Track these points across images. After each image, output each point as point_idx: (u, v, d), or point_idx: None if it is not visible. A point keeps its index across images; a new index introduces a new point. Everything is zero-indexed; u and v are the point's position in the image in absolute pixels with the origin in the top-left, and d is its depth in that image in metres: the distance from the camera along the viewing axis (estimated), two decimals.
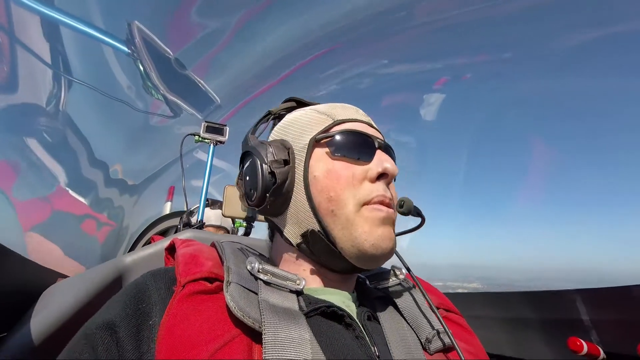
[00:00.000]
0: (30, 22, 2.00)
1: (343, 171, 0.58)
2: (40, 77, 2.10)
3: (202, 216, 1.80)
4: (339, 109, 0.65)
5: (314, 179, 0.58)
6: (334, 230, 0.56)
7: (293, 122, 0.65)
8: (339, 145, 0.59)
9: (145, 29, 2.52)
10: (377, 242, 0.55)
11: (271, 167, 0.58)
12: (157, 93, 2.93)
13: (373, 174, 0.58)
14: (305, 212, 0.58)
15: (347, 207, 0.56)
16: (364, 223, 0.56)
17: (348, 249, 0.56)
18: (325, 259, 0.59)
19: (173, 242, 0.66)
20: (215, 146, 1.86)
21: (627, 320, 1.26)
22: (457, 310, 0.70)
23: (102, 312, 0.49)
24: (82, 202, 2.68)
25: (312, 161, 0.60)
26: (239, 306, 0.46)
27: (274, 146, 0.61)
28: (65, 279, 0.84)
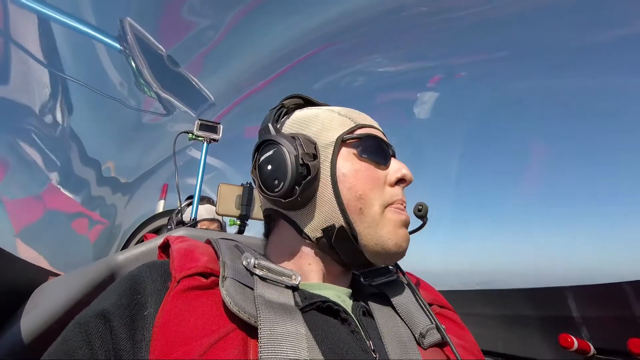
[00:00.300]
0: (20, 18, 1.97)
1: (370, 172, 0.61)
2: (31, 74, 2.07)
3: (195, 214, 1.79)
4: (356, 114, 0.68)
5: (342, 176, 0.60)
6: (359, 227, 0.59)
7: (312, 118, 0.66)
8: (364, 147, 0.63)
9: (138, 26, 2.50)
10: (399, 241, 0.60)
11: (304, 159, 0.58)
12: (150, 90, 2.91)
13: (393, 178, 0.63)
14: (331, 208, 0.59)
15: (373, 207, 0.59)
16: (388, 223, 0.60)
17: (372, 246, 0.59)
18: (343, 254, 0.60)
19: (167, 239, 0.66)
20: (209, 144, 1.85)
21: (617, 316, 1.28)
22: (450, 306, 0.71)
23: (97, 302, 0.50)
24: (74, 200, 2.66)
25: (339, 159, 0.62)
26: (234, 301, 0.46)
27: (301, 139, 0.61)
28: (57, 277, 0.84)
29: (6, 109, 1.95)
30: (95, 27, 2.37)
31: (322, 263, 0.62)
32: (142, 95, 2.96)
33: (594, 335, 1.32)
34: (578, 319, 1.38)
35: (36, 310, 0.67)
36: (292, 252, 0.63)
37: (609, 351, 1.26)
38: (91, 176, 2.81)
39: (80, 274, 0.80)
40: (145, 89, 2.88)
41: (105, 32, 2.43)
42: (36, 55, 2.08)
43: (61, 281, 0.80)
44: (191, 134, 1.83)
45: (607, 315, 1.32)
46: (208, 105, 3.42)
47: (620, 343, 1.18)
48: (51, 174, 2.37)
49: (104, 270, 0.85)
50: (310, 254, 0.62)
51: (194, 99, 3.30)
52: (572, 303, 1.40)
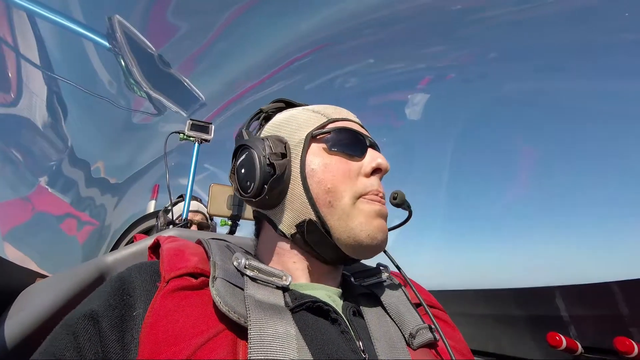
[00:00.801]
0: (6, 14, 1.94)
1: (340, 165, 0.61)
2: (18, 73, 2.04)
3: (186, 214, 1.78)
4: (331, 109, 0.68)
5: (311, 172, 0.60)
6: (331, 221, 0.58)
7: (287, 119, 0.67)
8: (335, 141, 0.62)
9: (127, 24, 2.47)
10: (373, 233, 0.58)
11: (270, 159, 0.59)
12: (140, 90, 2.88)
13: (367, 169, 0.62)
14: (302, 203, 0.60)
15: (344, 199, 0.59)
16: (360, 214, 0.58)
17: (344, 239, 0.58)
18: (319, 249, 0.60)
19: (157, 239, 0.66)
20: (200, 144, 1.84)
21: (604, 315, 1.30)
22: (440, 306, 0.72)
23: (85, 303, 0.49)
24: (63, 200, 2.62)
25: (308, 155, 0.62)
26: (224, 301, 0.46)
27: (270, 140, 0.62)
28: (44, 279, 0.82)
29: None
30: (83, 25, 2.34)
31: (305, 261, 0.62)
32: (132, 95, 2.93)
33: (582, 334, 1.34)
34: (566, 318, 1.40)
35: (22, 313, 0.66)
36: (276, 251, 0.64)
37: (596, 349, 1.28)
38: (80, 177, 2.78)
39: (69, 276, 0.79)
40: (135, 88, 2.85)
41: (93, 29, 2.40)
42: (23, 53, 2.05)
43: (48, 283, 0.79)
44: (182, 134, 1.81)
45: (594, 314, 1.34)
46: (199, 105, 3.40)
47: (607, 341, 1.20)
48: (40, 175, 2.33)
49: (92, 271, 0.84)
50: (291, 252, 0.62)
51: (185, 99, 3.28)
52: (560, 302, 1.42)
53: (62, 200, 2.61)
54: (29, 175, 2.23)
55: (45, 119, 2.30)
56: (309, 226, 0.58)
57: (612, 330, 1.22)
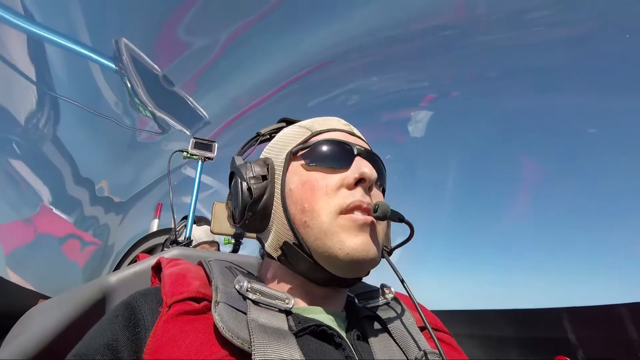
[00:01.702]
0: (16, 39, 1.99)
1: (318, 182, 0.57)
2: (26, 94, 2.07)
3: (189, 233, 1.77)
4: (319, 121, 0.66)
5: (289, 192, 0.58)
6: (308, 241, 0.55)
7: (277, 139, 0.67)
8: (314, 155, 0.59)
9: (133, 46, 2.52)
10: (352, 251, 0.53)
11: (248, 184, 0.59)
12: (145, 110, 2.92)
13: (350, 180, 0.57)
14: (282, 225, 0.58)
15: (320, 218, 0.55)
16: (340, 232, 0.54)
17: (323, 259, 0.55)
18: (305, 271, 0.58)
19: (159, 261, 0.65)
20: (203, 162, 1.85)
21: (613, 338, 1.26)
22: (446, 329, 0.69)
23: (97, 336, 0.47)
24: (67, 220, 2.63)
25: (288, 174, 0.60)
26: (227, 326, 0.45)
27: (254, 164, 0.61)
28: (49, 300, 0.82)
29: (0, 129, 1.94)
30: (90, 48, 2.39)
31: (299, 285, 0.60)
32: (137, 115, 2.97)
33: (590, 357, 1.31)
34: (573, 340, 1.36)
35: (25, 335, 0.65)
36: (273, 274, 0.63)
37: None
38: (84, 196, 2.79)
39: (71, 297, 0.78)
40: (141, 108, 2.89)
41: (100, 52, 2.45)
42: (30, 75, 2.09)
43: (51, 304, 0.78)
44: (186, 153, 1.82)
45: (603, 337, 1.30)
46: (203, 124, 3.43)
47: None
48: (44, 195, 2.34)
49: (95, 292, 0.83)
50: (285, 275, 0.61)
51: (189, 118, 3.31)
52: (566, 324, 1.39)
53: (66, 220, 2.61)
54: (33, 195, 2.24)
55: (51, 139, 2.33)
56: (288, 248, 0.57)
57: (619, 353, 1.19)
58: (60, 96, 2.31)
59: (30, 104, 2.12)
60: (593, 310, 1.36)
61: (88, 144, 2.78)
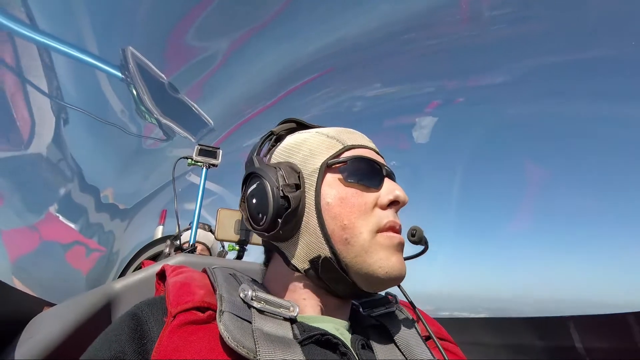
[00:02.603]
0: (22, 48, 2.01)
1: (356, 199, 0.58)
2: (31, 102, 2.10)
3: (194, 239, 1.78)
4: (346, 134, 0.65)
5: (327, 206, 0.58)
6: (347, 258, 0.56)
7: (300, 144, 0.64)
8: (351, 171, 0.59)
9: (139, 54, 2.55)
10: (391, 270, 0.56)
11: (284, 191, 0.57)
12: (151, 117, 2.94)
13: (384, 200, 0.59)
14: (317, 238, 0.57)
15: (361, 236, 0.56)
16: (379, 250, 0.56)
17: (362, 276, 0.56)
18: (333, 285, 0.58)
19: (164, 268, 0.65)
20: (208, 169, 1.85)
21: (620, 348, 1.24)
22: (451, 338, 0.70)
23: (104, 348, 0.47)
24: (72, 227, 2.64)
25: (324, 186, 0.59)
26: (232, 336, 0.45)
27: (283, 169, 0.59)
28: (53, 307, 0.82)
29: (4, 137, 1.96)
30: (96, 56, 2.42)
31: (316, 297, 0.60)
32: (142, 122, 2.99)
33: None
34: (581, 350, 1.34)
35: (31, 341, 0.65)
36: (286, 284, 0.62)
37: None
38: (90, 203, 2.80)
39: (77, 303, 0.78)
40: (146, 115, 2.91)
41: (106, 61, 2.48)
42: (36, 83, 2.12)
43: (57, 311, 0.78)
44: (190, 160, 1.84)
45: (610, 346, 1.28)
46: (208, 130, 3.45)
47: None
48: (49, 202, 2.36)
49: (101, 298, 0.83)
50: (303, 289, 0.60)
51: (194, 124, 3.33)
52: (575, 333, 1.37)
53: (71, 228, 2.62)
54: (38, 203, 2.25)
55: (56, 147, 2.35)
56: (324, 263, 0.56)
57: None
58: (67, 104, 2.34)
59: (37, 111, 2.14)
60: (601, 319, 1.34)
61: (94, 152, 2.80)
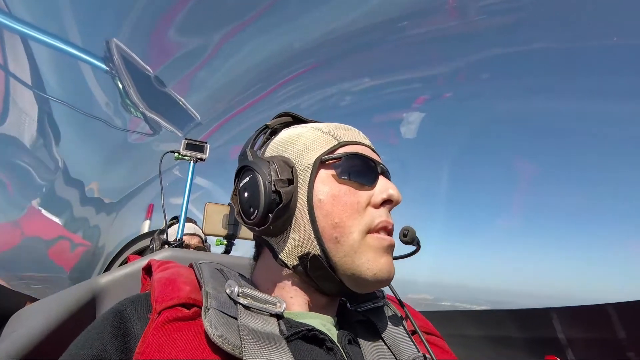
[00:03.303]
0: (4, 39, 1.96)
1: (349, 197, 0.57)
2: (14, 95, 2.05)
3: (181, 234, 1.77)
4: (342, 130, 0.64)
5: (319, 202, 0.57)
6: (336, 257, 0.56)
7: (294, 139, 0.63)
8: (345, 168, 0.58)
9: (124, 47, 2.51)
10: (379, 272, 0.56)
11: (276, 186, 0.56)
12: (136, 110, 2.90)
13: (377, 199, 0.58)
14: (306, 235, 0.57)
15: (352, 235, 0.55)
16: (368, 251, 0.56)
17: (348, 276, 0.56)
18: (321, 283, 0.58)
19: (150, 262, 0.65)
20: (195, 163, 1.84)
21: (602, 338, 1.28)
22: (438, 332, 0.71)
23: (86, 346, 0.47)
24: (56, 222, 2.59)
25: (316, 183, 0.58)
26: (218, 332, 0.45)
27: (276, 163, 0.58)
28: (36, 302, 0.81)
29: None
30: (80, 48, 2.36)
31: (304, 294, 0.60)
32: (128, 115, 2.95)
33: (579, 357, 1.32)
34: (563, 340, 1.38)
35: (13, 336, 0.64)
36: (274, 281, 0.61)
37: None
38: (74, 197, 2.76)
39: (61, 298, 0.77)
40: (132, 109, 2.87)
41: (91, 52, 2.43)
42: (19, 75, 2.07)
43: (40, 306, 0.77)
44: (177, 154, 1.82)
45: (592, 336, 1.32)
46: (195, 125, 3.42)
47: None
48: (32, 196, 2.32)
49: (85, 293, 0.83)
50: (292, 285, 0.60)
51: (180, 119, 3.30)
52: (557, 324, 1.40)
53: (55, 222, 2.58)
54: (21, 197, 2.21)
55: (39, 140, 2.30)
56: (313, 261, 0.56)
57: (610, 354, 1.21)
58: (50, 97, 2.29)
59: (19, 104, 2.09)
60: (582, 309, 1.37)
61: (78, 145, 2.75)
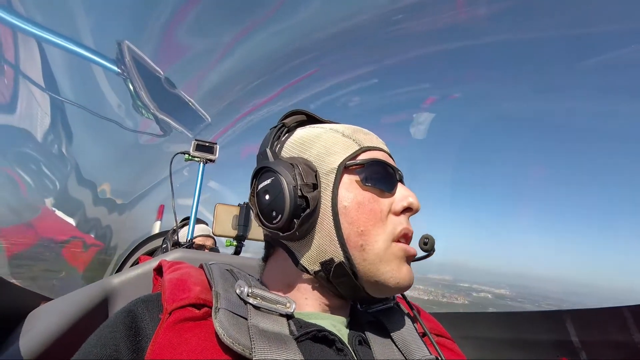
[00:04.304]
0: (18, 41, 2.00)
1: (372, 204, 0.57)
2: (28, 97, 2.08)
3: (191, 235, 1.78)
4: (361, 134, 0.63)
5: (344, 209, 0.56)
6: (360, 265, 0.55)
7: (313, 140, 0.62)
8: (368, 174, 0.58)
9: (135, 49, 2.53)
10: (402, 280, 0.56)
11: (302, 191, 0.55)
12: (147, 112, 2.93)
13: (398, 207, 0.58)
14: (331, 241, 0.56)
15: (377, 244, 0.55)
16: (392, 260, 0.56)
17: (371, 283, 0.56)
18: (341, 288, 0.57)
19: (161, 263, 0.65)
20: (205, 164, 1.85)
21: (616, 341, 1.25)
22: (448, 335, 0.70)
23: (98, 345, 0.47)
24: (69, 222, 2.63)
25: (341, 188, 0.57)
26: (228, 333, 0.45)
27: (300, 166, 0.57)
28: (51, 301, 0.82)
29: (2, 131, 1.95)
30: (93, 50, 2.40)
31: (321, 297, 0.59)
32: (139, 117, 2.98)
33: None
34: (577, 343, 1.35)
35: (30, 335, 0.65)
36: (289, 283, 0.61)
37: None
38: (87, 198, 2.80)
39: (74, 298, 0.78)
40: (143, 110, 2.89)
41: (103, 55, 2.46)
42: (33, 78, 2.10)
43: (55, 305, 0.78)
44: (187, 155, 1.83)
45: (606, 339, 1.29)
46: (205, 126, 3.44)
47: None
48: (46, 197, 2.35)
49: (98, 293, 0.83)
50: (308, 288, 0.59)
51: (190, 120, 3.32)
52: (570, 327, 1.38)
53: (68, 223, 2.62)
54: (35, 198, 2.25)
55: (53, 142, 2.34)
56: (337, 268, 0.55)
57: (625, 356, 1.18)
58: (63, 99, 2.32)
59: (33, 106, 2.13)
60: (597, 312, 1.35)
61: (90, 147, 2.79)
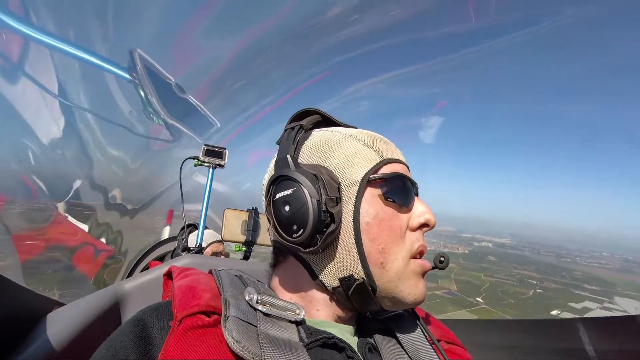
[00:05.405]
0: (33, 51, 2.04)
1: (393, 221, 0.55)
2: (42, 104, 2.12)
3: (201, 240, 1.78)
4: (382, 144, 0.61)
5: (366, 225, 0.54)
6: (380, 282, 0.54)
7: (333, 147, 0.59)
8: (390, 189, 0.56)
9: (147, 56, 2.57)
10: (419, 296, 0.56)
11: (327, 206, 0.52)
12: (158, 118, 2.96)
13: (415, 223, 0.57)
14: (350, 257, 0.54)
15: (397, 262, 0.54)
16: (411, 277, 0.55)
17: (389, 299, 0.55)
18: (357, 303, 0.56)
19: (170, 269, 0.65)
20: (214, 169, 1.86)
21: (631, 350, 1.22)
22: (459, 342, 0.68)
23: (109, 354, 0.47)
24: (80, 228, 2.66)
25: (363, 203, 0.55)
26: (237, 341, 0.45)
27: (324, 179, 0.54)
28: (65, 306, 0.83)
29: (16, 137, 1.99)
30: (105, 59, 2.44)
31: (334, 309, 0.58)
32: (150, 123, 3.01)
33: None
34: (591, 352, 1.32)
35: (43, 339, 0.66)
36: (302, 294, 0.59)
37: None
38: (98, 204, 2.83)
39: (86, 303, 0.79)
40: (154, 116, 2.93)
41: (115, 63, 2.50)
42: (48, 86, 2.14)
43: (68, 310, 0.79)
44: (197, 160, 1.84)
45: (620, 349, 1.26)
46: (214, 131, 3.47)
47: None
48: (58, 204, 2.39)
49: (109, 298, 0.84)
50: (321, 301, 0.58)
51: (200, 125, 3.35)
52: (584, 335, 1.35)
53: (80, 228, 2.65)
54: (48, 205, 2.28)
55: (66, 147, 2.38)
56: (358, 286, 0.54)
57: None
58: (77, 105, 2.36)
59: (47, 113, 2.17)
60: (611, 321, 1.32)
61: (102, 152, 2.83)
